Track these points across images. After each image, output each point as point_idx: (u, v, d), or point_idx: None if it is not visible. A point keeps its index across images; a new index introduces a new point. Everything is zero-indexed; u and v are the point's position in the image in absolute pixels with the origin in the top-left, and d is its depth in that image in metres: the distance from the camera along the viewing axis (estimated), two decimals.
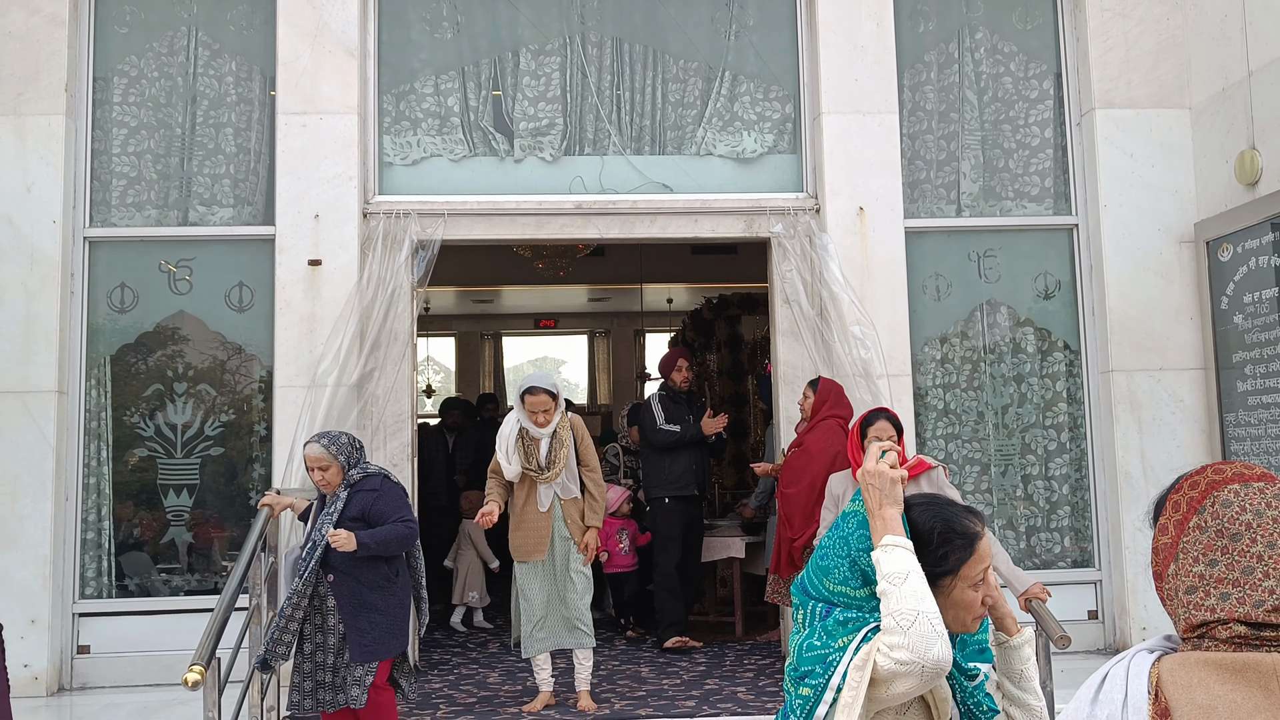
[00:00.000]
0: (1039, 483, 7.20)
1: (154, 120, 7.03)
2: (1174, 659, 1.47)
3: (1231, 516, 1.50)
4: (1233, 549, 1.48)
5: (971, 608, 2.10)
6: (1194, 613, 1.50)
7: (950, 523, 2.11)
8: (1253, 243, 6.54)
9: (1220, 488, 1.53)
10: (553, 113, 7.24)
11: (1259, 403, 6.51)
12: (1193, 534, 1.52)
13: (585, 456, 6.09)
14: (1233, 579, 1.47)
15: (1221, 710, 1.39)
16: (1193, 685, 1.42)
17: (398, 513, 4.90)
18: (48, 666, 6.36)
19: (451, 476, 9.87)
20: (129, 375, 6.89)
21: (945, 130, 7.38)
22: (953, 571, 2.08)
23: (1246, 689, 1.40)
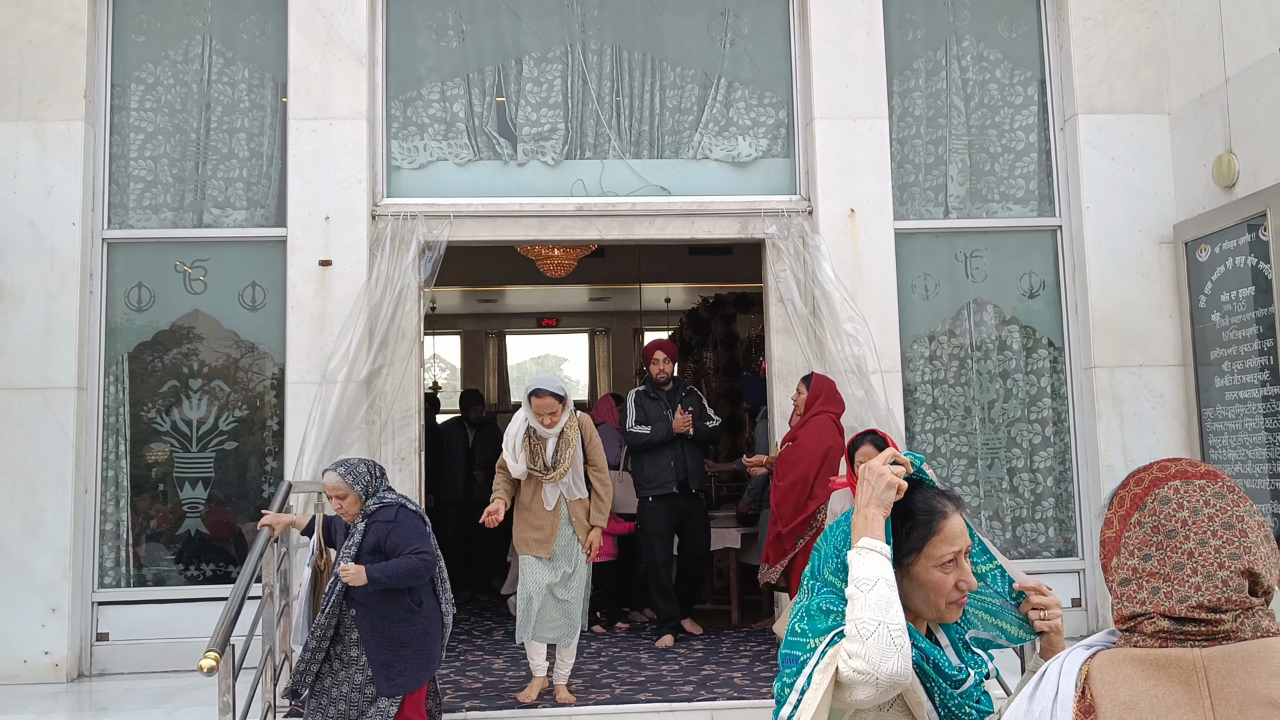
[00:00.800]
0: (1024, 475, 7.22)
1: (170, 125, 7.04)
2: (1104, 656, 1.48)
3: (1169, 513, 1.49)
4: (1166, 545, 1.48)
5: (940, 589, 2.04)
6: (1126, 604, 1.50)
7: (915, 500, 2.07)
8: (1230, 243, 6.56)
9: (1162, 484, 1.53)
10: (554, 118, 7.26)
11: (1236, 398, 6.53)
12: (1133, 529, 1.53)
13: (593, 456, 5.93)
14: (1163, 574, 1.47)
15: (1143, 705, 1.39)
16: (1117, 681, 1.43)
17: (411, 544, 4.75)
18: (68, 653, 6.37)
19: (470, 470, 9.80)
20: (146, 372, 6.90)
21: (933, 135, 7.40)
22: (917, 549, 2.04)
23: (1168, 684, 1.40)
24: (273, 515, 5.32)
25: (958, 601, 2.05)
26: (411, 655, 4.73)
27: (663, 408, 7.50)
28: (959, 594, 2.05)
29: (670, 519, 7.48)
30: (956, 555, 2.05)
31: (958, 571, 2.05)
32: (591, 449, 5.93)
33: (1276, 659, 1.40)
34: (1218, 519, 1.48)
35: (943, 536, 2.05)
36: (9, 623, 6.33)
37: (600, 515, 5.91)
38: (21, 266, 6.57)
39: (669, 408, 7.49)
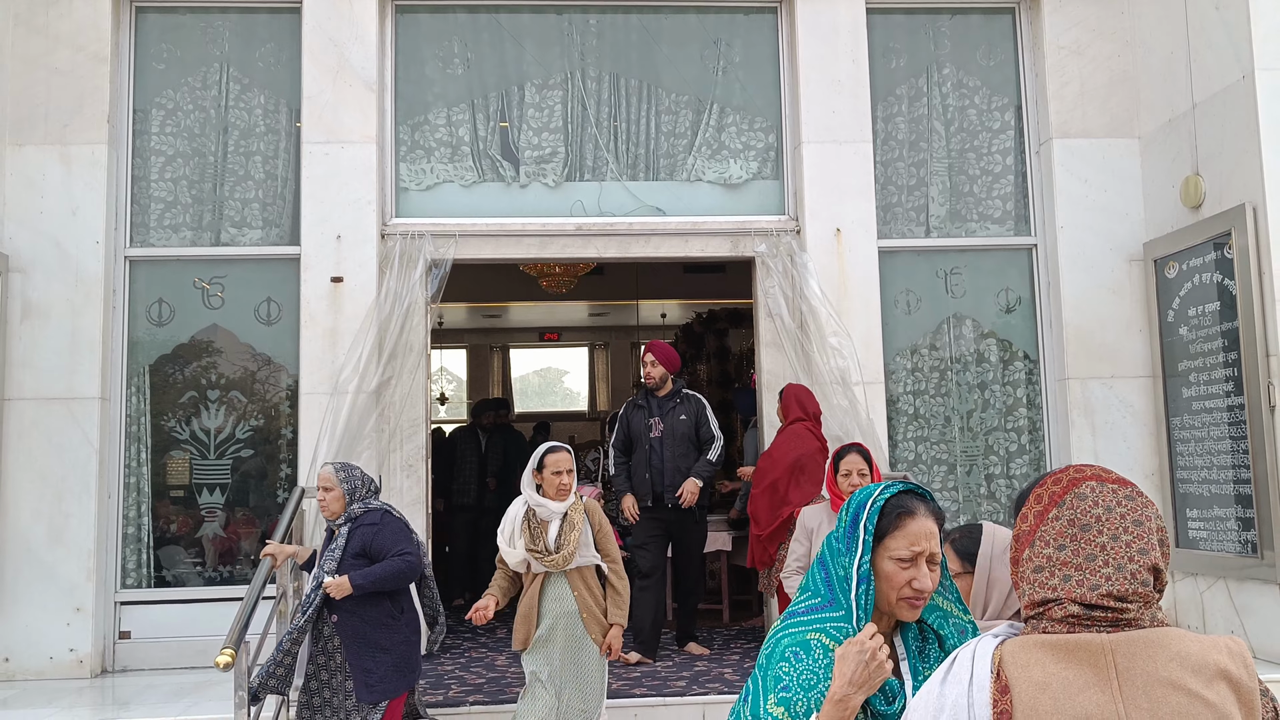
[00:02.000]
0: (1001, 481, 7.27)
1: (189, 149, 7.11)
2: (1015, 642, 1.52)
3: (1085, 509, 1.55)
4: (1081, 538, 1.54)
5: (891, 581, 2.04)
6: (1038, 590, 1.55)
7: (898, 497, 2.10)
8: (1196, 261, 6.63)
9: (1080, 484, 1.59)
10: (555, 142, 7.33)
11: (1202, 407, 6.60)
12: (1050, 523, 1.58)
13: (604, 546, 4.99)
14: (1076, 564, 1.53)
15: (1055, 686, 1.44)
16: (1030, 664, 1.47)
17: (396, 547, 4.60)
18: (91, 651, 6.43)
19: (483, 477, 9.78)
20: (166, 383, 6.96)
21: (915, 158, 7.47)
22: (880, 539, 2.06)
23: (1078, 667, 1.45)
24: (275, 546, 5.16)
25: (910, 600, 2.05)
26: (391, 662, 4.56)
27: (646, 417, 6.91)
28: (912, 592, 2.04)
29: (648, 531, 6.85)
30: (915, 555, 2.05)
31: (913, 571, 2.05)
32: (602, 538, 5.01)
33: (1174, 645, 1.47)
34: (1129, 517, 1.55)
35: (903, 532, 2.06)
36: (36, 622, 6.39)
37: (619, 611, 4.90)
38: (48, 284, 6.64)
39: (659, 413, 6.88)
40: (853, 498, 2.15)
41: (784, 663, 2.02)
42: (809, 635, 2.04)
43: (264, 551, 5.11)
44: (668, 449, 6.80)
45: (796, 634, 2.06)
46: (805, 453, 6.29)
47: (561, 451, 4.94)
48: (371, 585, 4.50)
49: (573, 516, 4.90)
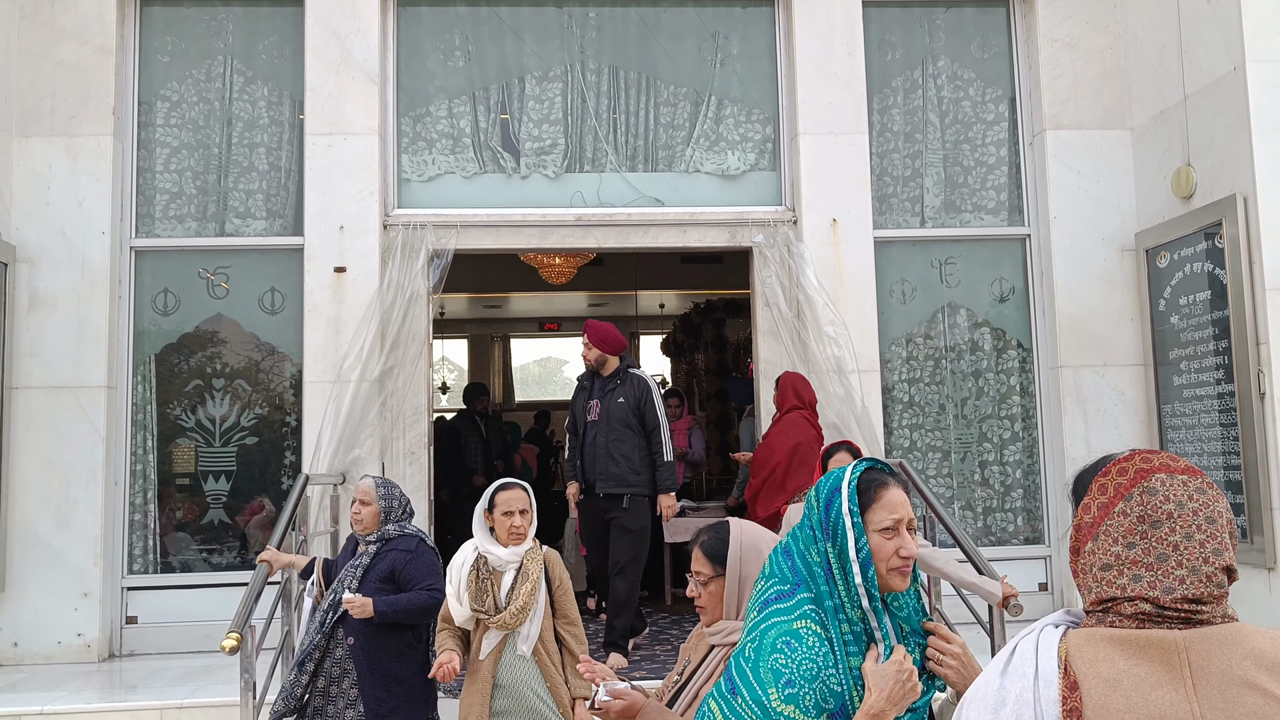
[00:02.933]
0: (994, 468, 7.24)
1: (193, 141, 7.06)
2: (1080, 634, 1.44)
3: (1155, 505, 1.46)
4: (1152, 535, 1.45)
5: (880, 554, 2.01)
6: (1105, 588, 1.47)
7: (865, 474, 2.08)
8: (1187, 250, 6.59)
9: (1148, 476, 1.49)
10: (555, 134, 7.28)
11: (1193, 395, 6.56)
12: (1117, 518, 1.49)
13: (562, 606, 4.16)
14: (1147, 563, 1.44)
15: (1126, 683, 1.37)
16: (1099, 660, 1.40)
17: (427, 580, 4.29)
18: (99, 635, 6.39)
19: (490, 462, 9.64)
20: (172, 372, 6.92)
21: (910, 149, 7.42)
22: (861, 515, 2.03)
23: (1150, 664, 1.37)
24: (272, 553, 4.88)
25: (900, 569, 2.03)
26: (404, 693, 4.26)
27: (586, 399, 6.40)
28: (901, 561, 2.02)
29: (592, 527, 6.33)
30: (896, 524, 2.03)
31: (898, 539, 2.03)
32: (561, 595, 4.17)
33: (1247, 642, 1.40)
34: (1201, 514, 1.46)
35: (881, 504, 2.04)
36: (45, 607, 6.35)
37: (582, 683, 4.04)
38: (55, 274, 6.59)
39: (596, 398, 6.35)
40: (820, 483, 2.10)
41: (778, 654, 1.96)
42: (795, 624, 1.98)
43: (260, 557, 4.86)
44: (600, 434, 6.19)
45: (781, 623, 1.99)
46: (803, 440, 6.27)
47: (515, 489, 4.17)
48: (395, 615, 4.22)
49: (528, 566, 4.08)
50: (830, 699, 1.94)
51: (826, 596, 2.00)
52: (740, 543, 2.46)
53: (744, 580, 2.42)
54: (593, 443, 6.22)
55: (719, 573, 2.46)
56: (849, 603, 2.00)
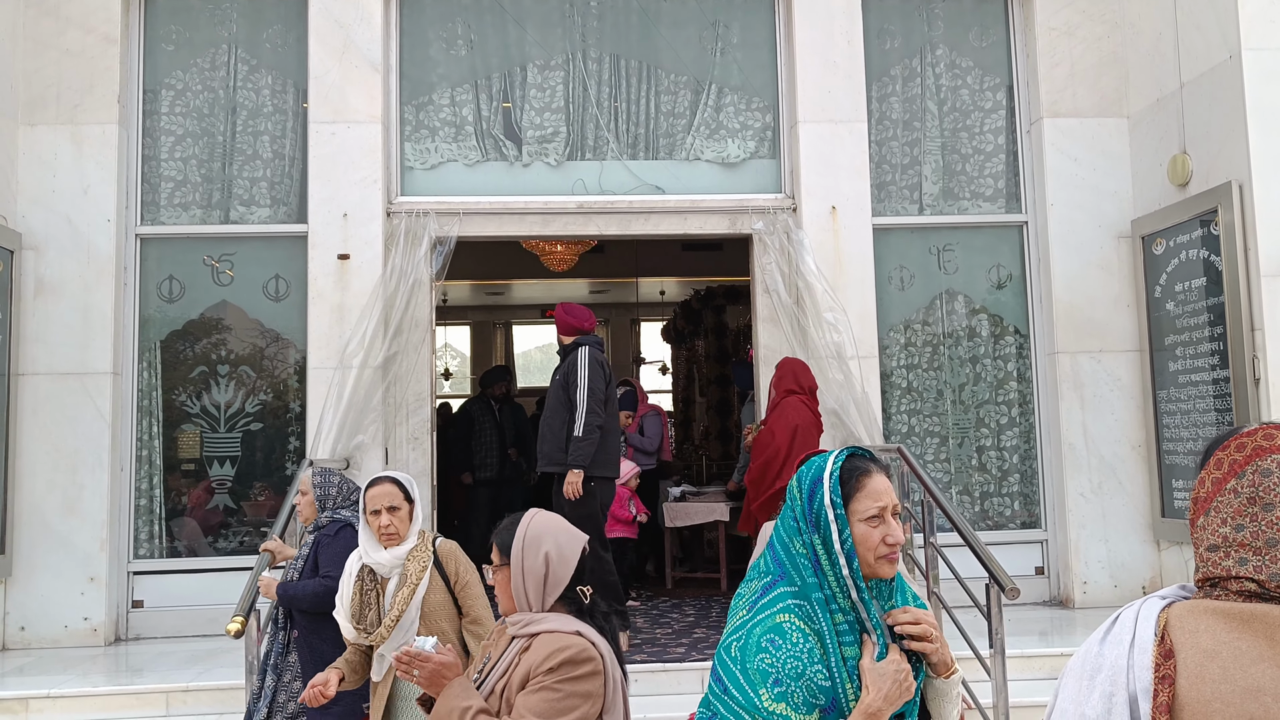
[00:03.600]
0: (992, 453, 7.22)
1: (198, 129, 7.02)
2: (1184, 605, 1.38)
3: (1269, 486, 1.37)
4: (1262, 518, 1.36)
5: (865, 543, 1.98)
6: (1210, 569, 1.40)
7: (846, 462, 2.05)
8: (1183, 238, 6.56)
9: (1264, 455, 1.39)
10: (557, 122, 7.24)
11: (1188, 380, 6.54)
12: (1228, 495, 1.41)
13: (466, 605, 3.66)
14: (1255, 547, 1.36)
15: (1225, 655, 1.31)
16: (1199, 630, 1.33)
17: (327, 568, 4.04)
18: (105, 619, 6.38)
19: (504, 448, 9.40)
20: (177, 359, 6.89)
21: (909, 137, 7.38)
22: (844, 505, 2.00)
23: (1252, 637, 1.31)
24: (275, 543, 4.72)
25: (888, 556, 2.00)
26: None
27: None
28: (887, 548, 1.99)
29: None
30: (880, 511, 2.00)
31: (884, 527, 2.00)
32: (463, 592, 3.66)
33: None
34: None
35: (865, 492, 2.01)
36: (52, 591, 6.34)
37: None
38: (61, 261, 6.56)
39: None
40: (801, 473, 2.06)
41: (763, 654, 1.92)
42: (779, 618, 1.95)
43: (263, 547, 4.73)
44: (543, 410, 6.03)
45: (765, 619, 1.96)
46: (801, 424, 6.25)
47: (383, 484, 3.69)
48: (286, 601, 4.07)
49: (408, 569, 3.58)
50: (820, 694, 1.91)
51: (815, 589, 1.96)
52: (524, 535, 2.45)
53: (526, 572, 2.41)
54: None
55: (504, 562, 2.46)
56: (840, 593, 1.96)
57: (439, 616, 3.59)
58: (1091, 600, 6.76)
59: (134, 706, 5.24)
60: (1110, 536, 6.89)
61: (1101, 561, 6.88)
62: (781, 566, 2.01)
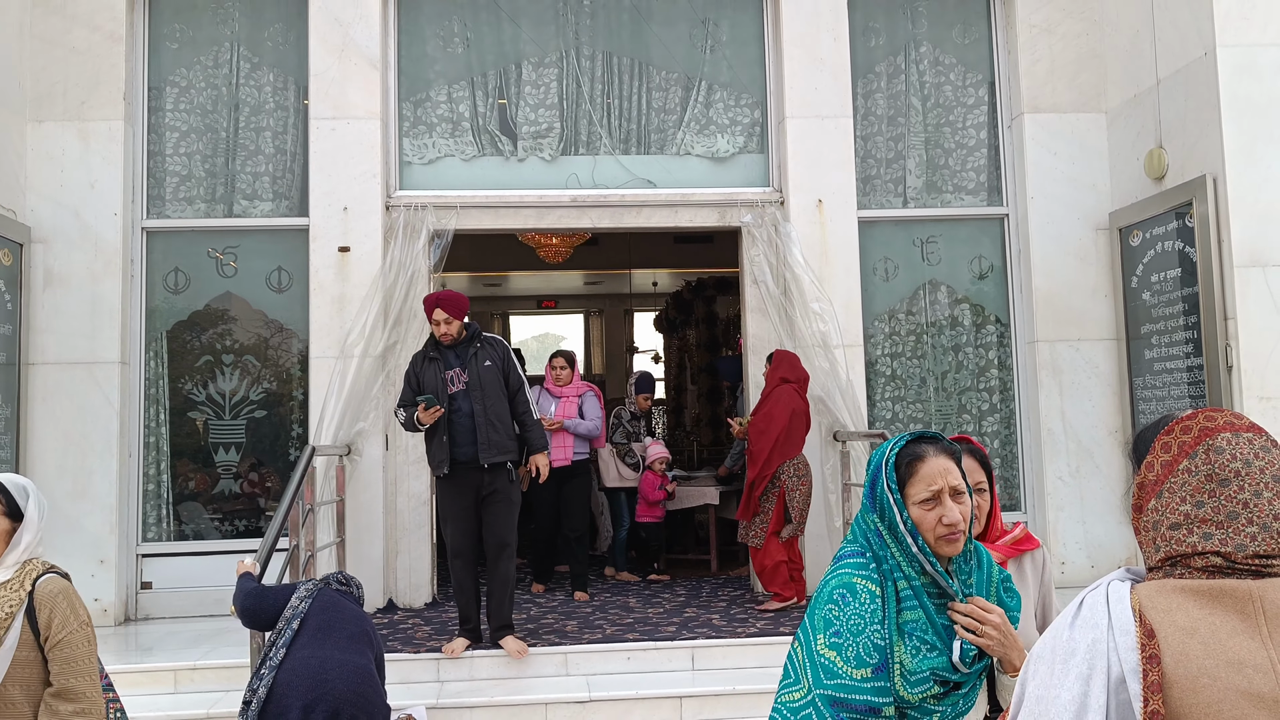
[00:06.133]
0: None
1: (202, 125, 7.02)
2: (1150, 586, 1.39)
3: (1223, 463, 1.40)
4: (1220, 493, 1.39)
5: (923, 525, 2.06)
6: (1174, 546, 1.41)
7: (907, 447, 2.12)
8: (1159, 229, 6.59)
9: (1213, 435, 1.43)
10: (551, 118, 7.24)
11: (1164, 368, 6.58)
12: (1181, 475, 1.43)
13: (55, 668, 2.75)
14: (1217, 521, 1.39)
15: (1203, 631, 1.32)
16: (1172, 609, 1.35)
17: None
18: (115, 600, 6.41)
19: None
20: (183, 348, 6.91)
21: (893, 132, 7.40)
22: (901, 490, 2.08)
23: (1224, 613, 1.33)
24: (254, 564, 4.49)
25: (946, 537, 2.06)
26: None
27: (441, 369, 5.58)
28: (945, 529, 2.06)
29: (464, 501, 5.54)
30: (935, 494, 2.06)
31: (939, 509, 2.06)
32: (54, 652, 2.76)
33: None
34: (1268, 471, 1.41)
35: (918, 477, 2.08)
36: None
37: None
38: (69, 254, 6.57)
39: (455, 366, 5.60)
40: (871, 459, 2.17)
41: (832, 605, 2.05)
42: (855, 578, 2.07)
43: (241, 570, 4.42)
44: (476, 401, 5.52)
45: (843, 575, 2.09)
46: (797, 409, 6.37)
47: None
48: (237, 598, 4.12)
49: (6, 599, 2.75)
50: (874, 653, 2.00)
51: (884, 560, 2.08)
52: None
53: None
54: (468, 413, 5.49)
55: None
56: (905, 561, 2.07)
57: (15, 680, 2.69)
58: (1070, 579, 6.81)
59: (144, 684, 5.27)
60: (1087, 518, 6.94)
61: (1079, 542, 6.93)
62: (860, 533, 2.15)
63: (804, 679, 2.03)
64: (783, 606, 6.30)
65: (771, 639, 5.59)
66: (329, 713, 3.59)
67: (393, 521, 6.73)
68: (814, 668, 2.01)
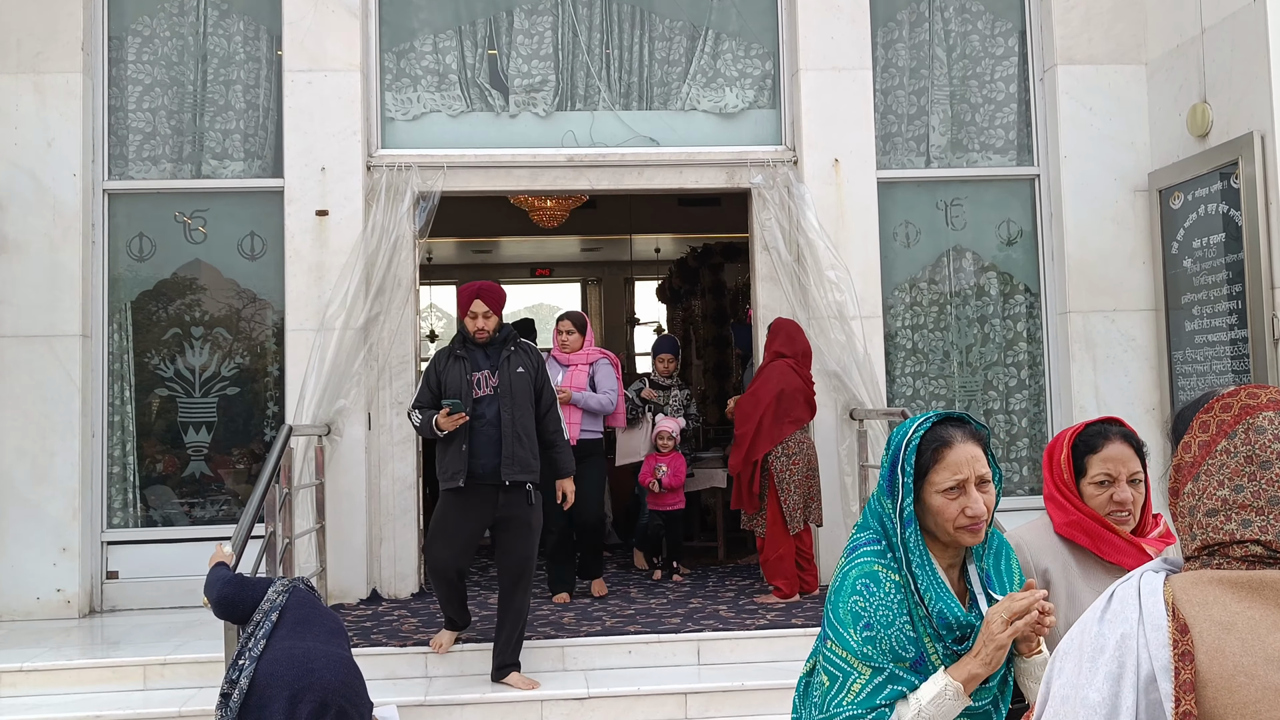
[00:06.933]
0: (1000, 417, 7.27)
1: (167, 78, 6.98)
2: (1185, 577, 1.36)
3: (1264, 444, 1.37)
4: (1261, 476, 1.36)
5: (942, 514, 2.10)
6: (1211, 534, 1.39)
7: (933, 430, 2.14)
8: (1202, 191, 6.57)
9: (1254, 413, 1.39)
10: (545, 70, 7.21)
11: (1205, 340, 6.57)
12: (1220, 457, 1.40)
13: None
14: (1257, 507, 1.35)
15: (1241, 626, 1.30)
16: (1208, 602, 1.32)
17: None
18: (79, 591, 6.44)
19: None
20: (149, 320, 6.91)
21: (916, 86, 7.36)
22: (923, 475, 2.11)
23: (1264, 606, 1.30)
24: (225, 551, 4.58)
25: (968, 528, 2.10)
26: None
27: (468, 370, 5.33)
28: (967, 520, 2.09)
29: (479, 516, 5.28)
30: (959, 483, 2.10)
31: (963, 499, 2.09)
32: None
33: None
34: None
35: (943, 464, 2.11)
36: (23, 562, 6.39)
37: None
38: (25, 218, 6.55)
39: (485, 368, 5.35)
40: (891, 438, 2.19)
41: (857, 596, 2.10)
42: (875, 566, 2.12)
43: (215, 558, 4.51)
44: (505, 410, 5.24)
45: (864, 564, 2.13)
46: (786, 388, 6.31)
47: None
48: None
49: None
50: (908, 646, 2.06)
51: (896, 547, 2.12)
52: None
53: None
54: (493, 421, 5.22)
55: None
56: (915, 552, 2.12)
57: None
58: None
59: (111, 680, 5.30)
60: None
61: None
62: (874, 518, 2.19)
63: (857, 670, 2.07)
64: (783, 603, 6.30)
65: (783, 631, 5.63)
66: (317, 703, 3.62)
67: (376, 506, 6.75)
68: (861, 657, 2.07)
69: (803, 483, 6.35)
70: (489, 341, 5.39)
